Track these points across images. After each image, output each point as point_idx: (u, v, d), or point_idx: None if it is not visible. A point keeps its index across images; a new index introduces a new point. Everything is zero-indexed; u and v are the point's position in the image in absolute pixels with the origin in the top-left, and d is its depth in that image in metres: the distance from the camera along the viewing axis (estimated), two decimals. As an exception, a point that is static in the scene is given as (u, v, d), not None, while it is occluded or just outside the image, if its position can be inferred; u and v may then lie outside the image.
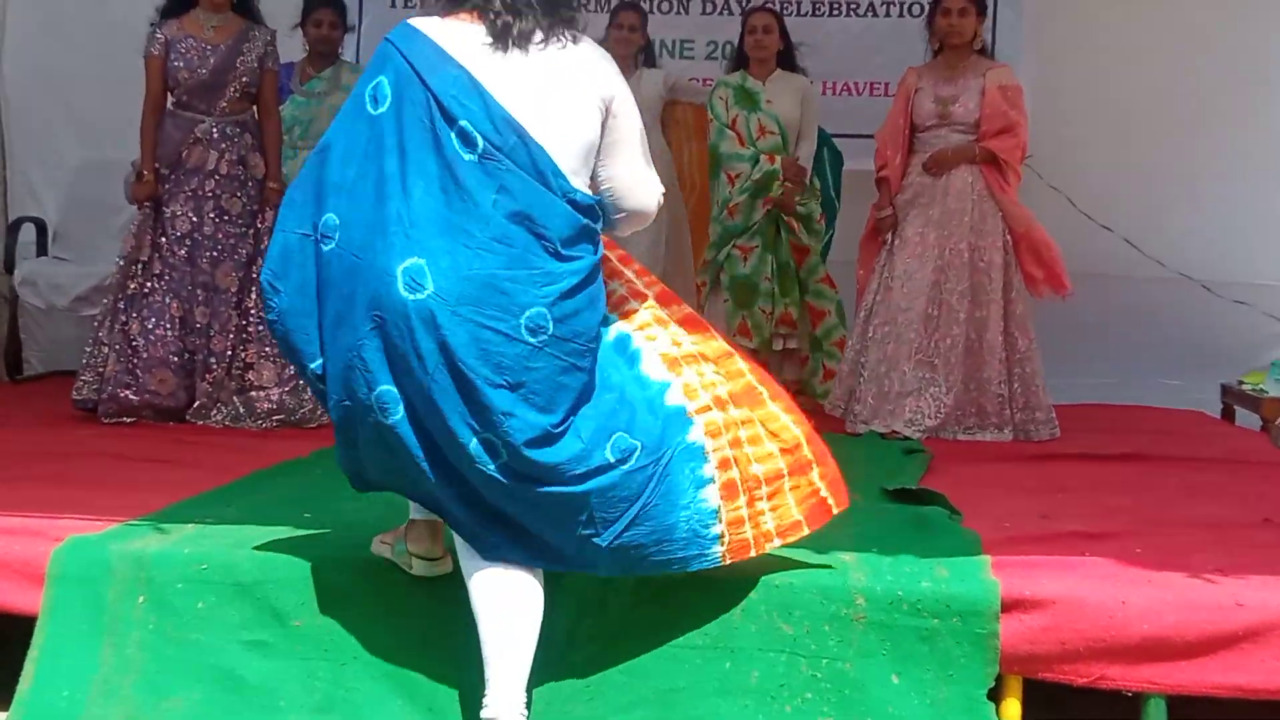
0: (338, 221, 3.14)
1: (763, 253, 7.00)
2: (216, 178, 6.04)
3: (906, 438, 5.95)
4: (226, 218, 6.06)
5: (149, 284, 5.99)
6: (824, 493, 3.47)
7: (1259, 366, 7.12)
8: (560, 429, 3.10)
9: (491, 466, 3.05)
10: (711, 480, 3.25)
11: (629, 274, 3.51)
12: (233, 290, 6.06)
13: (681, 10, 7.68)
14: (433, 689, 3.41)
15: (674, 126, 7.52)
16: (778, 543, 3.38)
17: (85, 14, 7.95)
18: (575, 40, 3.29)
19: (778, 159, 6.93)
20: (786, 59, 7.06)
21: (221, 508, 4.20)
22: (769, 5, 7.33)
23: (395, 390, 3.07)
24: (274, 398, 6.05)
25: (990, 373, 5.98)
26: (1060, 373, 7.31)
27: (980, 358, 5.96)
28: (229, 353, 6.04)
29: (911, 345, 5.98)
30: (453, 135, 3.09)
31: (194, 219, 6.01)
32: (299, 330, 3.22)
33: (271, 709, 3.39)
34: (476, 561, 3.17)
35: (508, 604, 3.15)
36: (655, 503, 3.18)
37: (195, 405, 6.06)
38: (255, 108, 6.19)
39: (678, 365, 3.35)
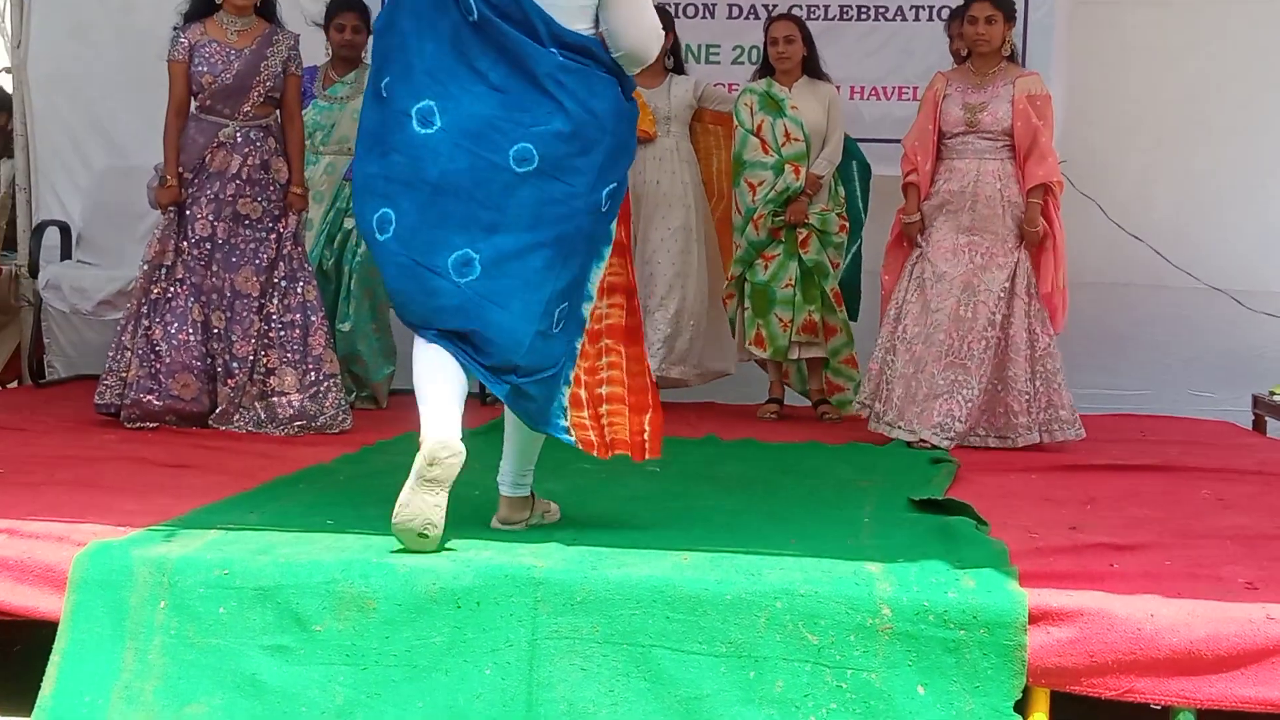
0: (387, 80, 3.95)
1: (784, 259, 7.02)
2: (238, 182, 6.04)
3: (935, 446, 5.94)
4: (248, 222, 6.06)
5: (172, 289, 5.99)
6: (645, 438, 4.16)
7: (1289, 378, 7.12)
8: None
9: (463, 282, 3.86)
10: (569, 384, 4.04)
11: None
12: (254, 295, 6.05)
13: (707, 14, 7.68)
14: (454, 692, 3.42)
15: (703, 134, 7.53)
16: (615, 453, 4.13)
17: (109, 20, 8.00)
18: None
19: (802, 172, 6.96)
20: (811, 66, 7.07)
21: (244, 513, 4.23)
22: (791, 13, 7.31)
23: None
24: (295, 403, 6.03)
25: (1016, 370, 6.00)
26: (1090, 383, 7.32)
27: (1006, 356, 5.99)
28: (250, 358, 6.03)
29: (942, 347, 5.99)
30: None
31: (215, 223, 6.01)
32: None
33: (293, 714, 3.39)
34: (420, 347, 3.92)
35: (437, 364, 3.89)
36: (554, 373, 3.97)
37: (218, 410, 6.06)
38: (278, 112, 6.19)
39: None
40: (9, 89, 8.50)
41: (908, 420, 6.03)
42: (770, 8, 7.54)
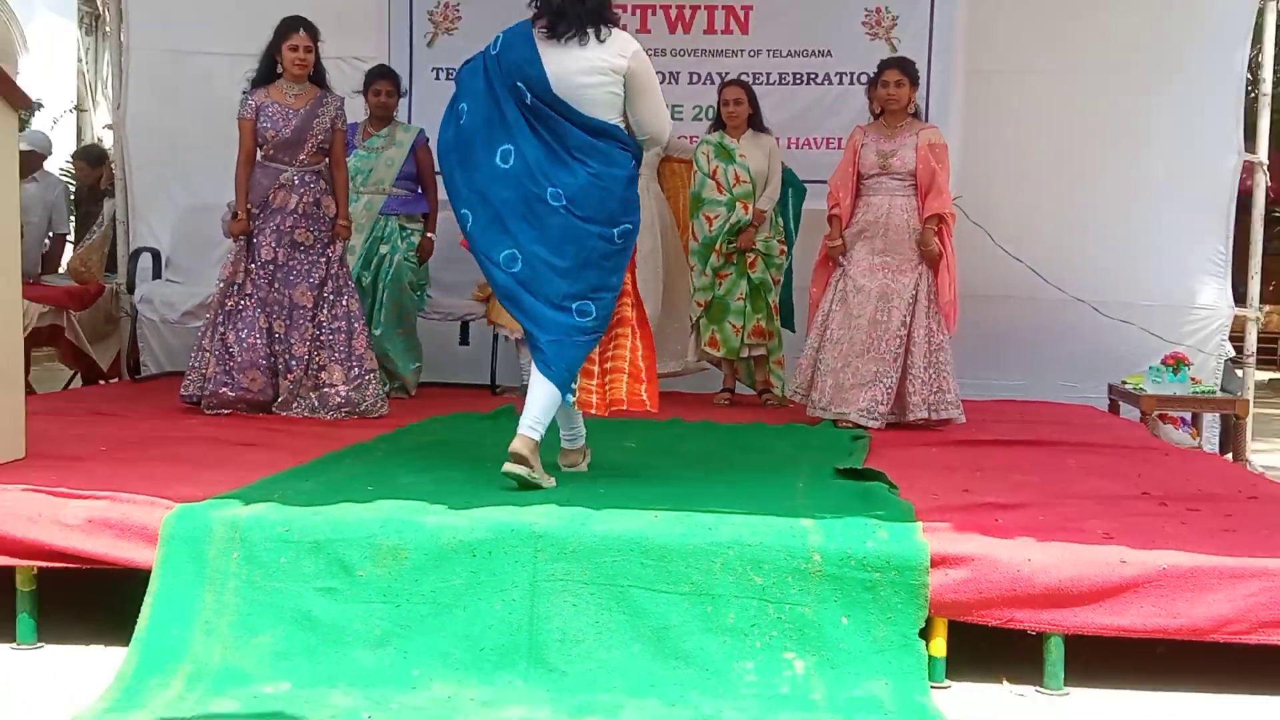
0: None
1: (736, 278, 7.05)
2: (295, 216, 6.07)
3: (856, 425, 5.98)
4: (303, 248, 6.10)
5: (242, 302, 6.03)
6: (643, 396, 4.54)
7: (1139, 370, 7.13)
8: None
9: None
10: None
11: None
12: (308, 306, 6.08)
13: (673, 80, 7.68)
14: (470, 624, 3.42)
15: (669, 177, 7.55)
16: (613, 409, 4.56)
17: (191, 87, 7.98)
18: (607, 33, 4.38)
19: (750, 207, 6.97)
20: (756, 121, 7.09)
21: (300, 482, 4.24)
22: (740, 79, 7.32)
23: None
24: (342, 393, 6.07)
25: (915, 360, 6.04)
26: (979, 376, 7.35)
27: (909, 349, 6.02)
28: (305, 357, 6.07)
29: (863, 345, 6.02)
30: (508, 89, 4.40)
31: (276, 249, 6.05)
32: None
33: (339, 643, 3.39)
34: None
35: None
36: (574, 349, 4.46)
37: (279, 400, 6.10)
38: (327, 159, 6.19)
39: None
40: (109, 143, 8.49)
41: (839, 405, 6.05)
42: (723, 75, 7.55)
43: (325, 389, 6.10)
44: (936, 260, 6.02)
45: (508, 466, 4.22)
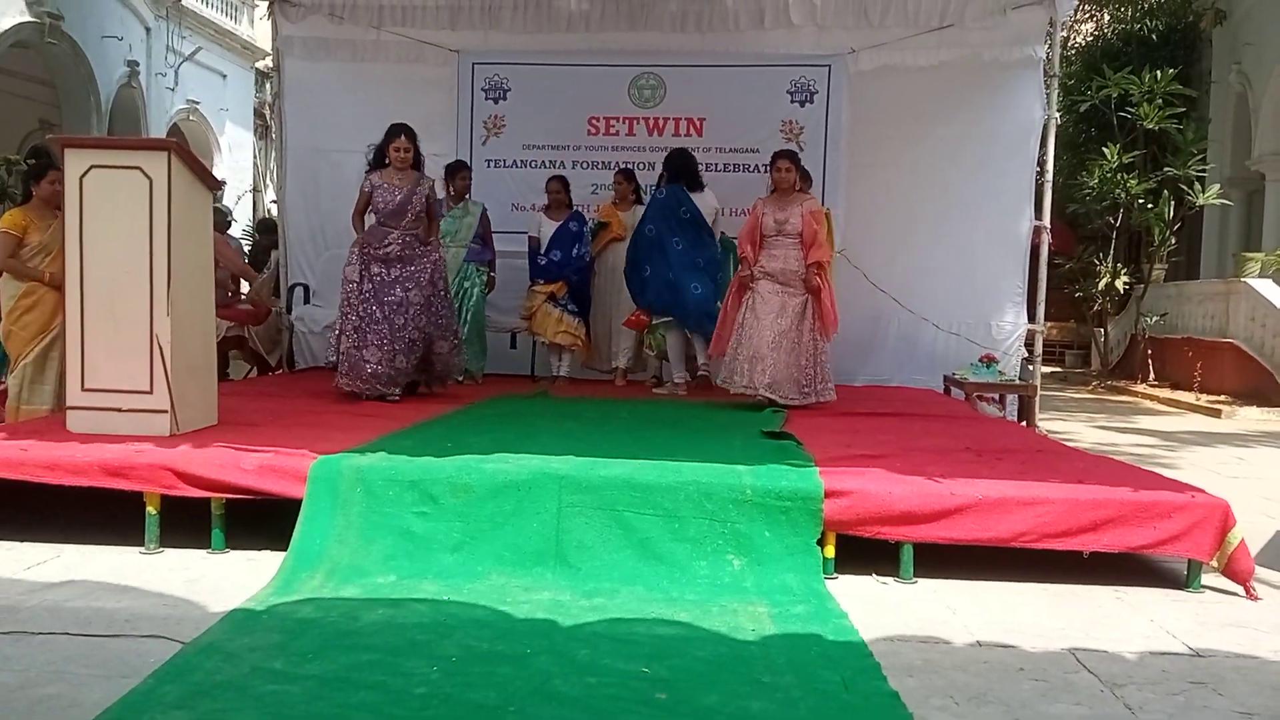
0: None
1: None
2: (397, 255, 5.70)
3: (772, 400, 5.73)
4: (402, 261, 5.70)
5: (361, 308, 5.65)
6: None
7: (964, 365, 7.16)
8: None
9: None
10: None
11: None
12: (420, 303, 5.67)
13: (650, 169, 7.43)
14: (516, 536, 3.42)
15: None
16: None
17: (328, 174, 7.88)
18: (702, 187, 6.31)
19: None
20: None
21: (402, 440, 4.22)
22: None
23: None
24: (446, 357, 5.85)
25: (804, 359, 5.77)
26: (854, 371, 7.37)
27: (799, 351, 5.77)
28: (416, 347, 5.67)
29: (765, 344, 5.73)
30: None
31: (382, 270, 5.69)
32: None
33: (428, 549, 3.40)
34: None
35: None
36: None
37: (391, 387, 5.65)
38: (422, 225, 5.83)
39: None
40: (275, 213, 8.45)
41: (753, 385, 5.78)
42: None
43: (434, 356, 5.78)
44: (817, 291, 5.77)
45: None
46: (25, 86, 13.99)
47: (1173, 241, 13.46)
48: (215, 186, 4.79)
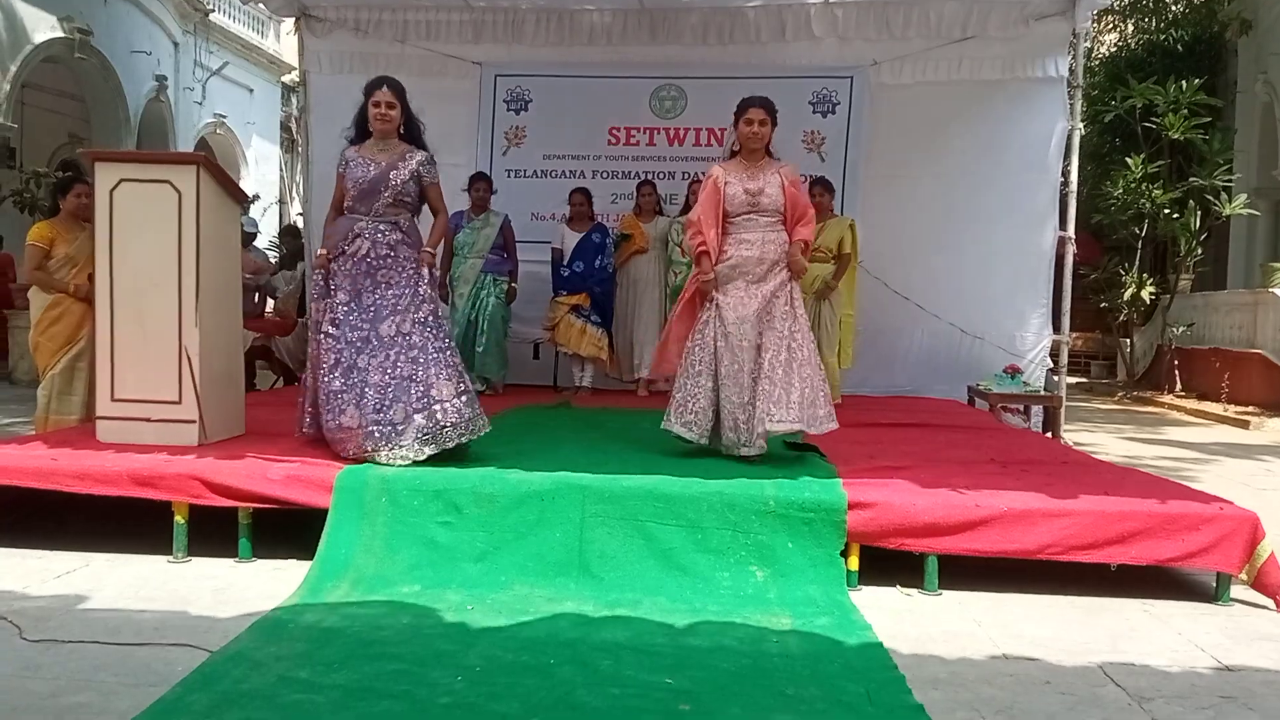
0: None
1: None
2: (368, 263, 4.17)
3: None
4: (383, 286, 4.17)
5: (326, 342, 4.19)
6: None
7: (988, 375, 7.11)
8: None
9: None
10: None
11: None
12: (391, 336, 4.07)
13: (670, 178, 7.60)
14: (540, 545, 3.42)
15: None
16: None
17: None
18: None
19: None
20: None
21: (427, 451, 4.22)
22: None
23: None
24: (455, 406, 4.02)
25: (809, 370, 4.24)
26: (877, 381, 7.34)
27: (792, 373, 4.20)
28: (385, 386, 4.00)
29: (762, 370, 4.21)
30: None
31: (352, 292, 4.18)
32: None
33: (452, 559, 3.41)
34: None
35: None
36: None
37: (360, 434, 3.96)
38: (408, 212, 4.32)
39: None
40: (301, 224, 8.49)
41: (753, 444, 4.21)
42: (702, 175, 7.46)
43: (435, 405, 3.95)
44: (803, 273, 4.36)
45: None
46: (56, 101, 14.19)
47: (1199, 252, 13.34)
48: (243, 200, 4.83)
